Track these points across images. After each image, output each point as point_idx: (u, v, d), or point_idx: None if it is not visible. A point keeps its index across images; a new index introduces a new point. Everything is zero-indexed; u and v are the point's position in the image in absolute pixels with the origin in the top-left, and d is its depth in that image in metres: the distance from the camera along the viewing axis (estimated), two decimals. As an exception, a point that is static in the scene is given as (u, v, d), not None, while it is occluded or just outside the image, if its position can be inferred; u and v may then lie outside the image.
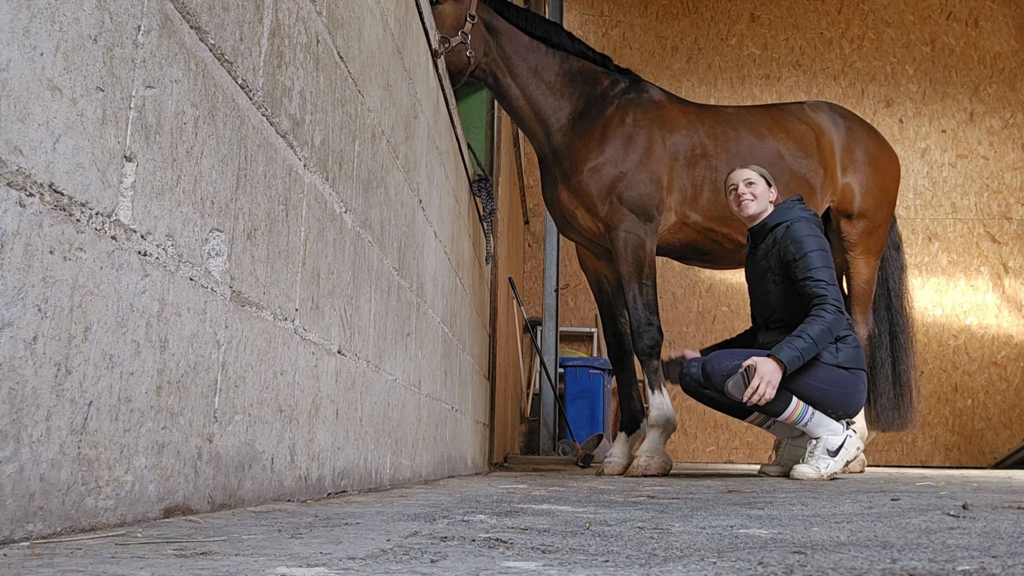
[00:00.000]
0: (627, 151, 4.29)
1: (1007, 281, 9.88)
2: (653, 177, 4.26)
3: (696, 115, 4.54)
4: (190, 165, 1.19)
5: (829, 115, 4.82)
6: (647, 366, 4.18)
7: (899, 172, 5.02)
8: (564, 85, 4.42)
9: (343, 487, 1.95)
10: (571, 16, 10.58)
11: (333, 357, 1.86)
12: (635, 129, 4.33)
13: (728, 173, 4.11)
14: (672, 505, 1.87)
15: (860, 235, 4.75)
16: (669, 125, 4.39)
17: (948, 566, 0.88)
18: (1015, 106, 10.22)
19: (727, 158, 4.42)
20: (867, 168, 4.76)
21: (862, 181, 4.73)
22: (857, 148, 4.78)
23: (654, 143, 4.32)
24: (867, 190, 4.73)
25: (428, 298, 3.04)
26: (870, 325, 4.87)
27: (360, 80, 2.07)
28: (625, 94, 4.45)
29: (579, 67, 4.49)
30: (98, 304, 0.97)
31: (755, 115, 4.69)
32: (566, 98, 4.42)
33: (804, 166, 4.57)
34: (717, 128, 4.51)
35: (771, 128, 4.59)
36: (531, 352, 9.44)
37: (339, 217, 1.90)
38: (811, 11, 10.55)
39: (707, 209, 4.39)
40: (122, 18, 1.02)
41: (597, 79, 4.50)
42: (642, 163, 4.27)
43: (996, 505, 1.84)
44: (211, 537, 0.99)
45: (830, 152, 4.67)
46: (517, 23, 4.40)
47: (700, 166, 4.39)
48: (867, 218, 4.74)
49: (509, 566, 0.85)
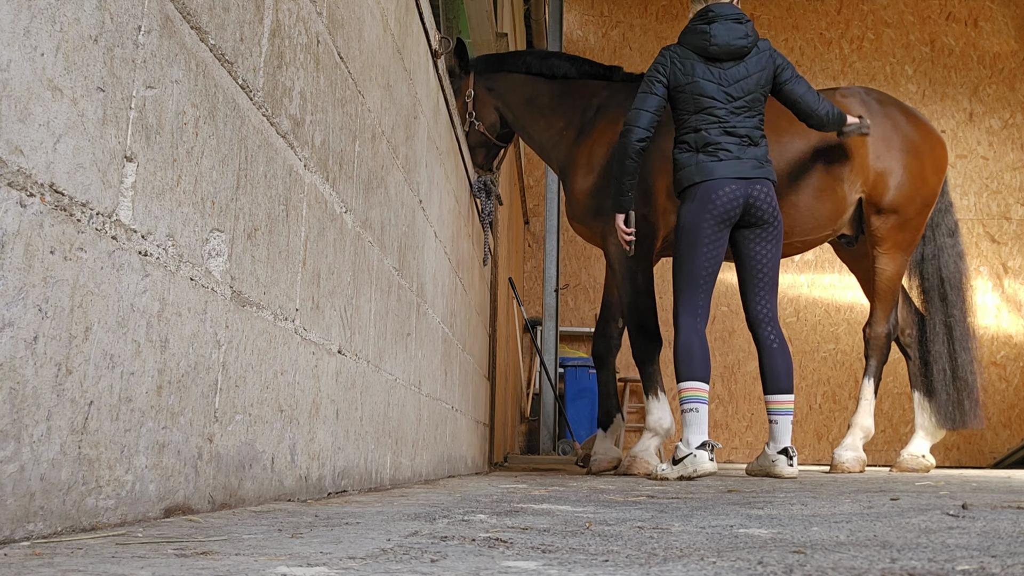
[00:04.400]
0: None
1: (1007, 281, 9.88)
2: (643, 186, 4.25)
3: None
4: (190, 165, 1.19)
5: (862, 100, 4.61)
6: (644, 372, 4.20)
7: (944, 160, 4.73)
8: (557, 106, 4.60)
9: (343, 487, 1.95)
10: (571, 16, 10.58)
11: (333, 357, 1.86)
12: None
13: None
14: (672, 505, 1.87)
15: (890, 230, 4.53)
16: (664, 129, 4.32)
17: (948, 566, 0.88)
18: (1014, 106, 10.23)
19: None
20: (904, 156, 4.53)
21: (897, 170, 4.51)
22: (894, 135, 4.55)
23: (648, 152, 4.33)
24: (901, 181, 4.50)
25: (428, 298, 3.04)
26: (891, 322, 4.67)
27: (360, 80, 2.07)
28: (623, 103, 4.45)
29: (576, 86, 4.62)
30: (99, 304, 0.98)
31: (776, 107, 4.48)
32: (559, 117, 4.58)
33: (827, 157, 4.41)
34: None
35: (792, 120, 4.41)
36: (531, 352, 9.44)
37: (339, 217, 1.90)
38: (811, 12, 10.55)
39: None
40: (123, 18, 1.02)
41: (595, 92, 4.57)
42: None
43: (995, 505, 1.84)
44: (211, 537, 0.99)
45: (860, 140, 4.44)
46: (512, 68, 4.70)
47: None
48: (898, 212, 4.51)
49: (509, 566, 0.85)
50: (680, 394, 3.62)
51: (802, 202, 4.37)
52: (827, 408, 9.78)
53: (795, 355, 9.89)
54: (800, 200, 4.37)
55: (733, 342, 9.93)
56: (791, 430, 3.72)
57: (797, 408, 9.82)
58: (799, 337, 9.89)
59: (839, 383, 9.80)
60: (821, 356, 9.87)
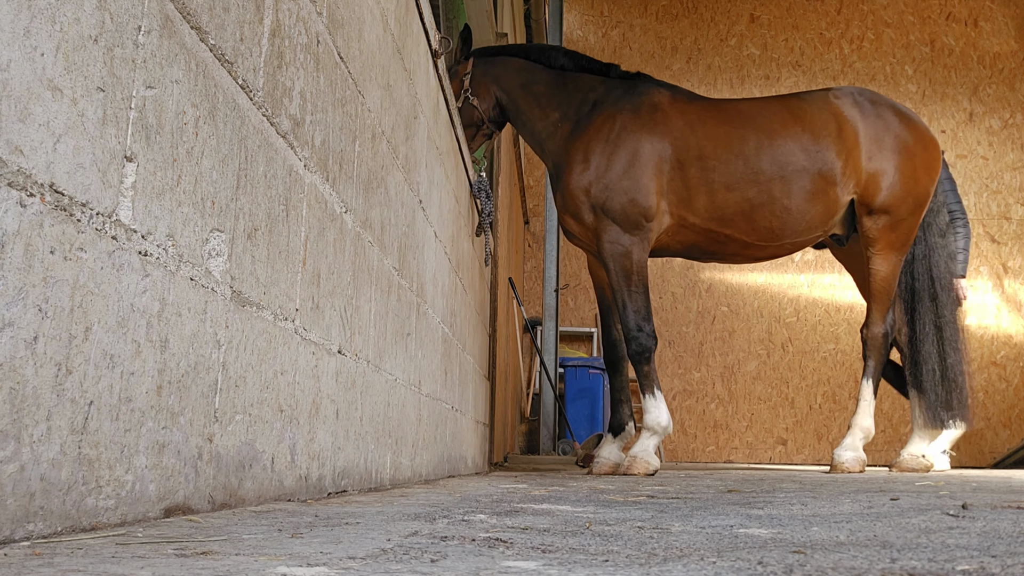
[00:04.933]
0: (611, 160, 4.33)
1: (1007, 281, 9.89)
2: (638, 185, 4.27)
3: (700, 115, 4.49)
4: (191, 165, 1.19)
5: (855, 101, 4.62)
6: (639, 371, 4.21)
7: (937, 160, 4.73)
8: (553, 96, 4.59)
9: (343, 487, 1.95)
10: (571, 16, 10.58)
11: (333, 357, 1.86)
12: (622, 136, 4.37)
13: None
14: (672, 505, 1.87)
15: (882, 230, 4.54)
16: (661, 129, 4.36)
17: (947, 566, 0.88)
18: (1014, 106, 10.23)
19: (728, 158, 4.38)
20: (896, 156, 4.53)
21: (889, 170, 4.51)
22: (886, 135, 4.55)
23: (640, 149, 4.33)
24: (893, 181, 4.50)
25: (428, 298, 3.04)
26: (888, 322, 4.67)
27: (360, 80, 2.07)
28: (620, 100, 4.47)
29: (573, 79, 4.63)
30: (99, 304, 0.98)
31: (769, 109, 4.57)
32: (554, 108, 4.58)
33: (820, 160, 4.42)
34: (720, 128, 4.45)
35: (785, 122, 4.46)
36: (531, 352, 9.45)
37: (339, 217, 1.90)
38: (811, 11, 10.56)
39: (705, 211, 4.37)
40: (123, 18, 1.02)
41: (592, 87, 4.58)
42: (626, 172, 4.30)
43: (995, 505, 1.84)
44: (211, 537, 0.99)
45: (853, 141, 4.48)
46: (512, 53, 4.75)
47: (695, 167, 4.35)
48: (890, 213, 4.52)
49: (509, 566, 0.85)
50: None
51: (794, 205, 4.38)
52: (827, 408, 9.78)
53: (795, 355, 9.90)
54: (792, 203, 4.37)
55: (733, 342, 9.93)
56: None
57: (797, 408, 9.83)
58: (799, 337, 9.90)
59: (839, 383, 9.80)
60: (821, 356, 9.87)
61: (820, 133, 4.48)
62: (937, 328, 4.73)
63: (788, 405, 9.78)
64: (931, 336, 4.73)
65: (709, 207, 4.36)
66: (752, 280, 9.82)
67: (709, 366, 9.90)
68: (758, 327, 9.92)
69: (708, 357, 9.92)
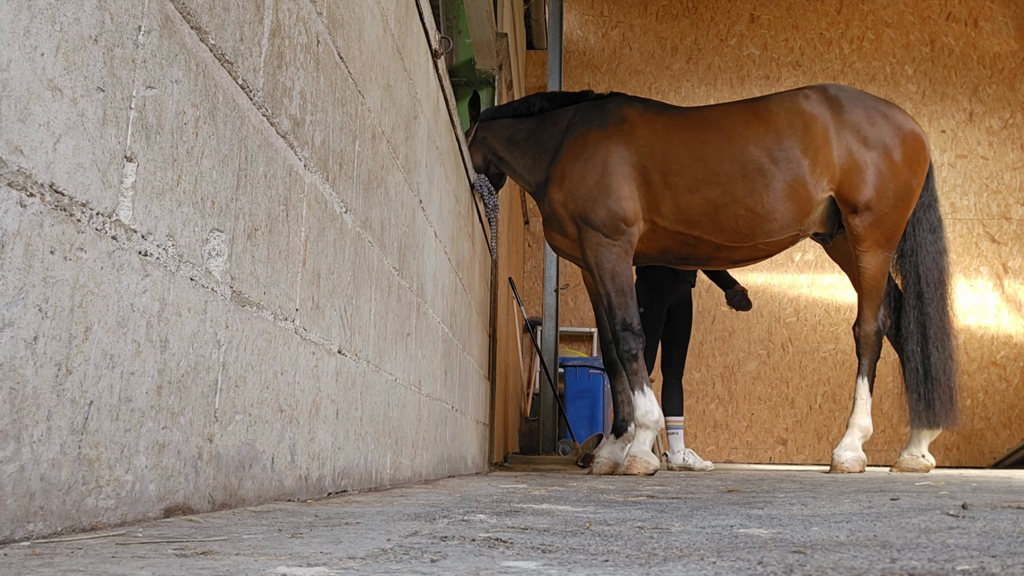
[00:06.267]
0: (584, 173, 4.46)
1: (1007, 281, 9.88)
2: (613, 193, 4.39)
3: (665, 124, 4.57)
4: (190, 165, 1.19)
5: (826, 98, 4.59)
6: (627, 369, 4.26)
7: (921, 153, 4.62)
8: (532, 136, 4.83)
9: (343, 487, 1.95)
10: (571, 16, 10.58)
11: (333, 357, 1.86)
12: (591, 150, 4.51)
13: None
14: (672, 505, 1.87)
15: (867, 227, 4.50)
16: (627, 139, 4.48)
17: (947, 566, 0.88)
18: (1014, 106, 10.22)
19: (689, 162, 4.43)
20: (872, 151, 4.49)
21: (866, 166, 4.47)
22: (861, 130, 4.51)
23: (609, 159, 4.45)
24: (870, 176, 4.46)
25: (428, 298, 3.04)
26: (880, 318, 4.67)
27: (360, 80, 2.07)
28: (590, 118, 4.62)
29: (551, 116, 4.82)
30: (99, 304, 0.98)
31: (734, 113, 4.60)
32: (534, 145, 4.79)
33: (784, 158, 4.42)
34: (684, 134, 4.52)
35: (748, 123, 4.49)
36: (531, 352, 9.44)
37: (339, 217, 1.90)
38: (811, 12, 10.55)
39: (671, 214, 4.45)
40: (123, 18, 1.02)
41: (565, 117, 4.76)
42: (598, 182, 4.43)
43: (995, 505, 1.84)
44: (211, 537, 0.99)
45: (823, 137, 4.45)
46: (502, 115, 4.99)
47: (659, 173, 4.44)
48: (871, 209, 4.48)
49: (509, 566, 0.85)
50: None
51: (759, 204, 4.39)
52: (827, 408, 9.77)
53: (795, 355, 9.90)
54: (756, 202, 4.39)
55: (733, 342, 9.93)
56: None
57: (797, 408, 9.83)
58: (799, 337, 9.89)
59: (839, 383, 9.80)
60: (821, 356, 9.87)
61: (784, 132, 4.49)
62: (921, 326, 4.66)
63: (788, 405, 9.78)
64: (915, 334, 4.67)
65: (674, 210, 4.45)
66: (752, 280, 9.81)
67: (709, 366, 9.90)
68: (758, 327, 9.92)
69: (708, 357, 9.92)
